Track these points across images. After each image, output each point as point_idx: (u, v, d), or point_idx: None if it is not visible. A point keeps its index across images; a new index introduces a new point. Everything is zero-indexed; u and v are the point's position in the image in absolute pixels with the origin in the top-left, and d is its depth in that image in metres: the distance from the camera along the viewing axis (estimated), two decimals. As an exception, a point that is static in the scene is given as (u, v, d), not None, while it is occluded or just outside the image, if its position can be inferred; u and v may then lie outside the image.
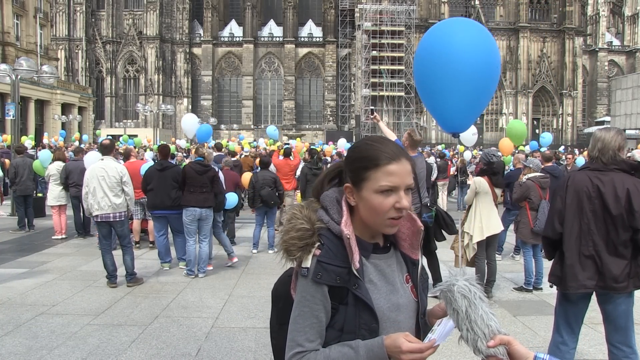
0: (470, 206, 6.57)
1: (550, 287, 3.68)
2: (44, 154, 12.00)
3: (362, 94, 57.30)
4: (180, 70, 67.60)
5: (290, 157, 11.56)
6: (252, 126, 66.04)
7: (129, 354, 4.66)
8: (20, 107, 17.17)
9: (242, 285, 7.07)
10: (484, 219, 6.33)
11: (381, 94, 56.83)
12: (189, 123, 15.01)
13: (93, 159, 8.43)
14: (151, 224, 9.07)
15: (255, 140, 32.21)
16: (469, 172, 14.53)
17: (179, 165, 9.91)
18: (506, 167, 10.49)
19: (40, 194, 12.96)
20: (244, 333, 5.21)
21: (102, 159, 7.04)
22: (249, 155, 16.72)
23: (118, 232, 7.04)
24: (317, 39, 67.53)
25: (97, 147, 19.35)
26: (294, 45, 66.81)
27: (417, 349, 1.32)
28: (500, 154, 11.89)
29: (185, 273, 7.56)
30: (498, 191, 6.63)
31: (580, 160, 15.10)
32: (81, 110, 46.34)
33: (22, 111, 26.19)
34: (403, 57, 56.83)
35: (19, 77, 14.92)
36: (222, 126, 62.18)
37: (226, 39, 68.06)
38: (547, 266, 6.16)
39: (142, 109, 40.49)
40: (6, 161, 15.66)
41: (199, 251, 7.60)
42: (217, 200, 7.72)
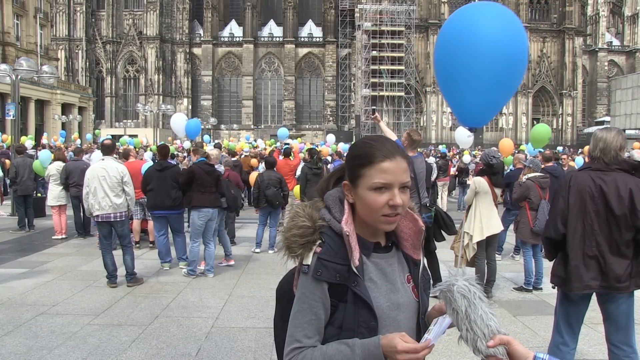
0: (470, 206, 6.57)
1: (553, 287, 3.67)
2: (43, 154, 12.00)
3: (362, 94, 57.32)
4: (180, 70, 67.65)
5: (290, 157, 11.57)
6: (252, 126, 66.06)
7: (129, 354, 4.66)
8: (20, 107, 17.16)
9: (242, 285, 7.07)
10: (484, 219, 6.33)
11: (381, 94, 56.86)
12: (178, 122, 14.82)
13: (99, 158, 8.46)
14: (151, 224, 9.07)
15: (254, 140, 32.19)
16: (469, 171, 14.54)
17: (179, 165, 9.92)
18: (505, 168, 10.46)
19: (40, 194, 12.96)
20: (244, 333, 5.21)
21: (102, 159, 7.05)
22: (249, 155, 16.74)
23: (118, 232, 7.04)
24: (317, 39, 67.56)
25: (97, 147, 19.36)
26: (294, 46, 66.85)
27: (412, 349, 1.33)
28: (501, 154, 11.88)
29: (185, 273, 7.51)
30: (498, 191, 6.64)
31: (580, 161, 15.07)
32: (81, 110, 46.34)
33: (22, 111, 26.19)
34: (403, 57, 56.87)
35: (19, 77, 14.92)
36: (222, 126, 62.17)
37: (226, 39, 68.09)
38: (547, 266, 6.18)
39: (142, 109, 40.48)
40: (6, 161, 15.67)
41: (209, 251, 7.54)
42: (229, 200, 7.83)
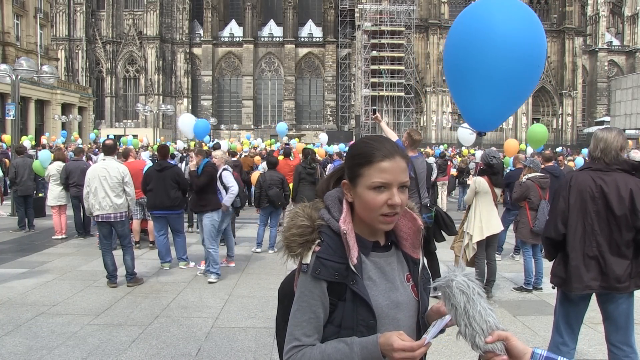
0: (470, 206, 6.57)
1: (553, 288, 3.67)
2: (43, 154, 12.01)
3: (362, 94, 57.31)
4: (180, 70, 67.64)
5: (290, 157, 11.58)
6: (252, 126, 66.04)
7: (129, 354, 4.66)
8: (20, 107, 17.16)
9: (242, 285, 7.07)
10: (484, 219, 6.33)
11: (381, 94, 56.84)
12: (186, 123, 14.70)
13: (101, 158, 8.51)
14: (151, 224, 9.08)
15: (254, 140, 32.19)
16: (469, 171, 14.53)
17: (178, 165, 9.92)
18: (505, 168, 10.46)
19: (40, 194, 12.96)
20: (244, 333, 5.21)
21: (104, 159, 7.06)
22: (249, 155, 16.75)
23: (119, 232, 7.04)
24: (317, 39, 67.55)
25: (96, 148, 19.34)
26: (294, 46, 66.83)
27: (408, 347, 1.33)
28: (500, 154, 11.87)
29: (213, 279, 7.18)
30: (498, 191, 6.64)
31: (580, 161, 15.07)
32: (81, 110, 46.33)
33: (22, 111, 26.19)
34: (403, 57, 56.84)
35: (19, 77, 14.93)
36: (222, 126, 62.17)
37: (226, 39, 68.08)
38: (547, 266, 6.18)
39: (142, 109, 40.51)
40: (6, 161, 15.67)
41: (215, 253, 7.39)
42: (242, 199, 8.26)
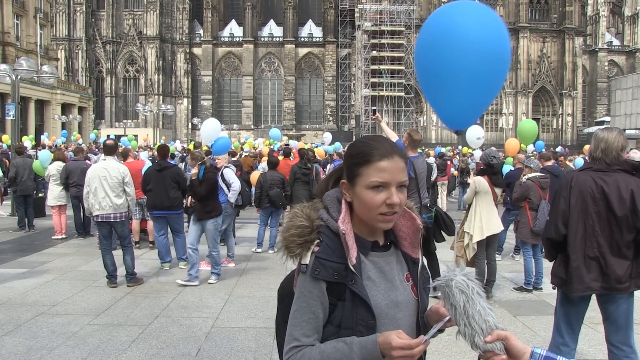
0: (470, 206, 6.57)
1: (553, 288, 3.66)
2: (43, 154, 12.00)
3: (362, 94, 57.28)
4: (180, 70, 67.59)
5: (290, 157, 11.58)
6: (252, 126, 66.00)
7: (129, 354, 4.66)
8: (20, 107, 17.17)
9: (242, 285, 7.07)
10: (484, 218, 6.33)
11: (381, 94, 56.80)
12: (210, 132, 10.57)
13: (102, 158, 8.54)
14: (151, 224, 9.07)
15: (254, 140, 32.18)
16: (470, 171, 14.52)
17: (178, 165, 9.92)
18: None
19: (40, 194, 12.96)
20: (244, 333, 5.21)
21: (104, 159, 7.05)
22: (249, 155, 16.74)
23: (118, 232, 7.04)
24: (317, 39, 67.50)
25: (96, 148, 19.33)
26: (294, 46, 66.79)
27: (406, 345, 1.34)
28: (500, 154, 11.87)
29: (214, 279, 7.17)
30: (498, 191, 6.63)
31: (580, 162, 15.05)
32: (81, 110, 46.31)
33: (22, 111, 26.18)
34: (403, 57, 56.80)
35: (19, 77, 14.93)
36: (222, 126, 61.97)
37: (226, 39, 68.03)
38: (547, 266, 6.18)
39: (142, 109, 40.53)
40: (6, 161, 15.67)
41: (218, 255, 7.38)
42: (244, 198, 8.40)
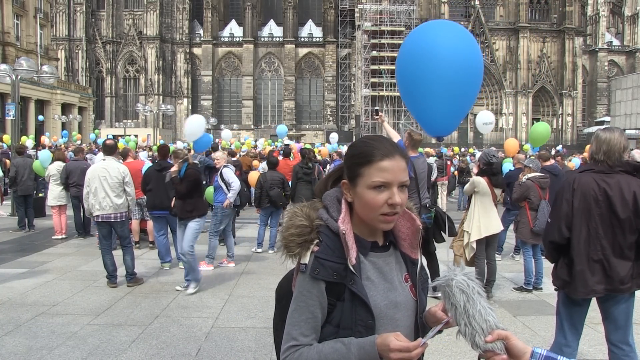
0: (469, 205, 6.57)
1: (555, 290, 3.65)
2: (43, 154, 12.01)
3: (362, 94, 57.29)
4: (180, 70, 67.58)
5: (290, 157, 11.58)
6: (252, 126, 66.00)
7: (129, 354, 4.67)
8: (20, 107, 17.17)
9: (242, 285, 7.07)
10: (483, 218, 6.33)
11: (381, 94, 56.80)
12: (193, 128, 10.41)
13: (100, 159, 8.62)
14: (150, 224, 9.07)
15: (255, 140, 32.21)
16: (470, 171, 14.53)
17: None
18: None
19: (40, 194, 12.96)
20: (244, 333, 5.22)
21: (104, 159, 7.04)
22: (249, 156, 16.74)
23: (118, 232, 7.03)
24: (317, 39, 67.50)
25: (97, 148, 19.33)
26: (294, 46, 66.78)
27: (404, 347, 1.34)
28: (500, 154, 11.87)
29: (194, 287, 6.80)
30: (497, 191, 6.63)
31: (577, 162, 15.07)
32: (81, 110, 46.30)
33: (22, 111, 26.18)
34: (403, 57, 56.72)
35: (19, 77, 14.93)
36: (222, 126, 62.11)
37: (226, 39, 68.02)
38: (547, 266, 6.18)
39: (142, 109, 40.49)
40: (6, 161, 15.67)
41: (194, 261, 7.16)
42: (242, 197, 8.48)
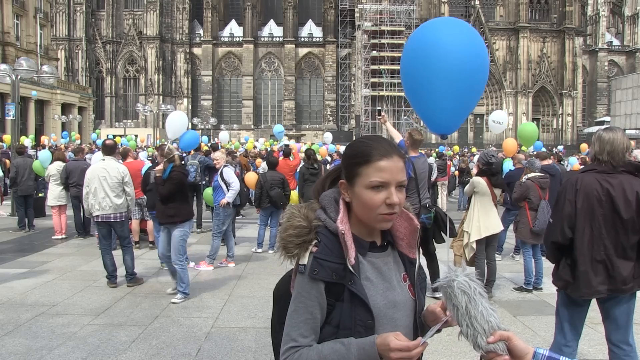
0: (469, 205, 6.58)
1: (557, 291, 3.65)
2: (43, 154, 12.00)
3: (362, 94, 57.31)
4: (180, 70, 67.59)
5: (290, 157, 11.57)
6: (252, 126, 66.00)
7: (129, 354, 4.67)
8: (20, 107, 17.17)
9: (242, 285, 7.07)
10: (483, 218, 6.33)
11: (381, 94, 56.83)
12: (174, 125, 10.14)
13: (99, 159, 8.64)
14: (150, 224, 9.07)
15: (256, 140, 32.21)
16: (470, 171, 14.53)
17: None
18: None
19: (40, 194, 12.96)
20: (244, 333, 5.22)
21: (103, 159, 7.04)
22: (249, 155, 16.75)
23: (118, 232, 7.03)
24: (317, 39, 67.50)
25: (97, 148, 19.34)
26: (294, 46, 66.78)
27: (404, 346, 1.34)
28: (499, 154, 11.88)
29: (180, 297, 6.34)
30: (497, 191, 6.63)
31: (573, 161, 15.11)
32: (81, 110, 46.28)
33: (22, 111, 26.18)
34: (403, 57, 56.75)
35: (19, 77, 14.93)
36: (222, 126, 62.12)
37: (226, 39, 68.03)
38: (547, 266, 6.18)
39: (142, 109, 40.55)
40: (6, 161, 15.67)
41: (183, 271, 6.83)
42: (242, 197, 8.57)
